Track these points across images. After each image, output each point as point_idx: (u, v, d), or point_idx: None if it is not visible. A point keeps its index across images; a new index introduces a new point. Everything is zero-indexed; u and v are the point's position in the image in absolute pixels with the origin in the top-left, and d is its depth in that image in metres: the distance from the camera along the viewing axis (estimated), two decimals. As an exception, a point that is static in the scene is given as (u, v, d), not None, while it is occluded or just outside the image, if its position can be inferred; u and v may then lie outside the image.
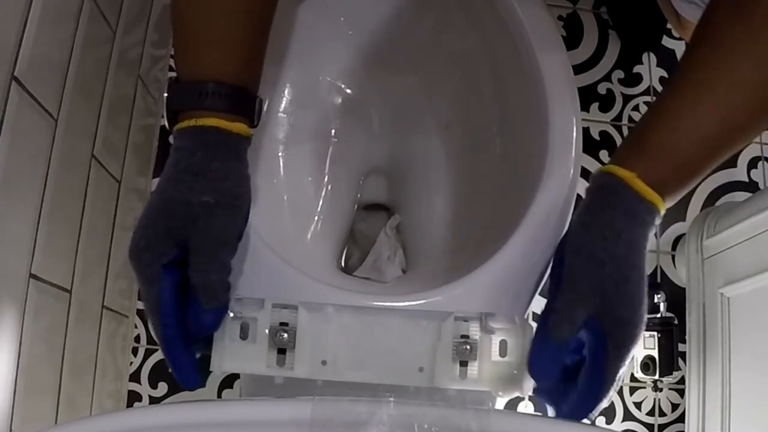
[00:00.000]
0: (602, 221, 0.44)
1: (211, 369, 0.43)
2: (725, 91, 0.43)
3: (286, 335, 0.45)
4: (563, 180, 0.55)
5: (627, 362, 0.43)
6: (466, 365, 0.45)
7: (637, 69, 1.09)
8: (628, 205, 0.43)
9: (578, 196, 0.56)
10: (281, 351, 0.45)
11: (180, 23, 0.44)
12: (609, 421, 0.99)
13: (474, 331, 0.46)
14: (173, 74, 0.46)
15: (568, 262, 0.44)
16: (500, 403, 0.84)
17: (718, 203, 1.06)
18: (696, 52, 0.45)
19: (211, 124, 0.43)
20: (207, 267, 0.42)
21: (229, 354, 0.44)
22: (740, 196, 1.06)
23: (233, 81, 0.44)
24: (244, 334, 0.44)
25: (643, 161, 0.44)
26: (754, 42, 0.42)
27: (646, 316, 0.44)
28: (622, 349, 0.43)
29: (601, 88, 1.08)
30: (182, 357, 0.42)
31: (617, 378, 0.43)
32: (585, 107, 1.07)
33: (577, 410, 0.43)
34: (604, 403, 0.43)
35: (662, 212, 0.44)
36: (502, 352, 0.46)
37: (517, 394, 0.44)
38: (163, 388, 0.91)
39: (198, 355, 0.44)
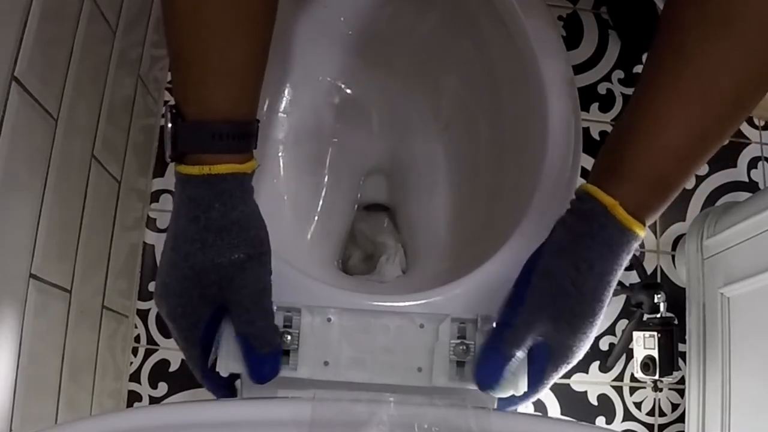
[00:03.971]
0: (578, 251, 0.43)
1: (217, 370, 0.44)
2: (696, 100, 0.41)
3: (290, 337, 0.46)
4: (562, 181, 0.55)
5: (559, 376, 0.46)
6: (464, 365, 0.46)
7: (637, 69, 1.09)
8: (607, 236, 0.42)
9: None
10: (285, 352, 0.46)
11: (181, 52, 0.40)
12: (609, 421, 0.99)
13: (470, 332, 0.47)
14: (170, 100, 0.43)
15: (535, 283, 0.44)
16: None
17: (718, 203, 1.06)
18: (663, 57, 0.43)
19: (226, 172, 0.40)
20: (252, 318, 0.43)
21: (235, 355, 0.44)
22: (740, 196, 1.06)
23: (245, 117, 0.42)
24: None
25: (624, 183, 0.42)
26: (733, 48, 0.40)
27: (591, 340, 0.45)
28: (560, 367, 0.46)
29: (601, 88, 1.08)
30: (223, 389, 0.47)
31: (547, 386, 0.46)
32: (585, 107, 1.07)
33: (505, 403, 0.47)
34: (532, 399, 0.47)
35: (642, 235, 0.43)
36: None
37: (512, 392, 0.45)
38: (163, 388, 0.91)
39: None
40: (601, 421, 0.99)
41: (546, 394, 0.45)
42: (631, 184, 0.42)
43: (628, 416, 1.00)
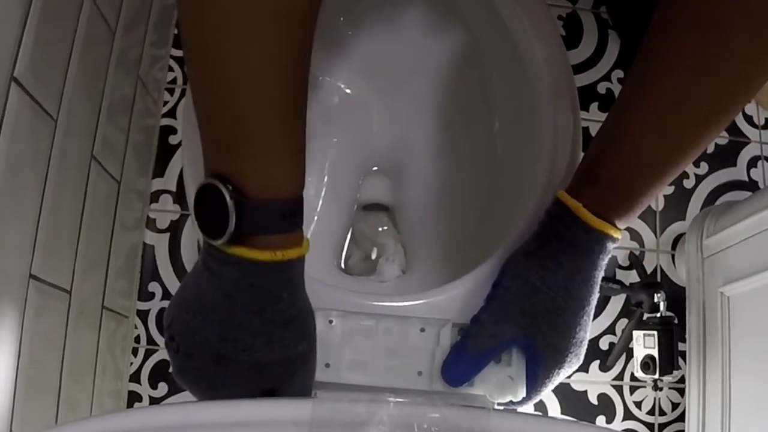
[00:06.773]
0: (545, 251, 0.44)
1: None
2: (671, 109, 0.40)
3: None
4: (560, 181, 0.55)
5: (557, 381, 0.46)
6: None
7: (636, 68, 1.09)
8: (573, 235, 0.43)
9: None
10: None
11: (238, 127, 0.35)
12: (609, 421, 0.99)
13: None
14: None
15: (504, 283, 0.45)
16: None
17: (717, 202, 1.06)
18: (644, 62, 0.42)
19: (296, 256, 0.37)
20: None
21: None
22: (740, 195, 1.06)
23: (302, 190, 0.38)
24: None
25: (590, 189, 0.43)
26: (717, 56, 0.38)
27: (582, 346, 0.45)
28: (552, 371, 0.45)
29: (601, 88, 1.08)
30: None
31: (544, 391, 0.46)
32: (585, 107, 1.07)
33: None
34: (529, 404, 0.47)
35: (616, 236, 0.43)
36: (497, 358, 0.47)
37: (510, 398, 0.45)
38: (163, 388, 0.91)
39: None
40: (601, 420, 0.99)
41: (546, 394, 0.45)
42: (596, 189, 0.43)
43: (628, 415, 1.00)
